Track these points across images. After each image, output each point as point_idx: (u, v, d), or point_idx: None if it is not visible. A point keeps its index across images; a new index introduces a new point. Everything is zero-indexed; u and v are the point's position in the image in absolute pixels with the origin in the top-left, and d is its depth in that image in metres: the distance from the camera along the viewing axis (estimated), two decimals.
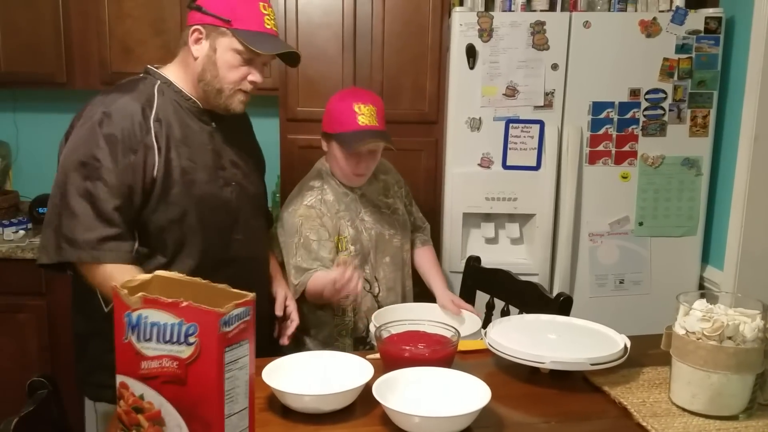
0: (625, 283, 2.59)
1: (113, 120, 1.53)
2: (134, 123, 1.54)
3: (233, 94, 1.63)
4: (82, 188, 1.50)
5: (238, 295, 1.01)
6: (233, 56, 1.59)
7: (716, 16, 2.44)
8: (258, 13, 1.59)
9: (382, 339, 1.45)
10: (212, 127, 1.68)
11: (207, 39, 1.60)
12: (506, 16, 2.44)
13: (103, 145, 1.51)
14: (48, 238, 1.52)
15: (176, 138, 1.59)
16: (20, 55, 2.74)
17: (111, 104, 1.55)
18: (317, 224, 1.96)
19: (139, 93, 1.59)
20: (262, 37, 1.59)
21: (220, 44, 1.58)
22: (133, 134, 1.53)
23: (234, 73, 1.60)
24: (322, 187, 2.03)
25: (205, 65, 1.61)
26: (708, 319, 1.23)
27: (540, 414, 1.30)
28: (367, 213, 2.07)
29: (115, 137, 1.52)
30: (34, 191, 3.06)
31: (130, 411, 1.02)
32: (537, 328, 1.57)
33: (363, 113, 1.92)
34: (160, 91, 1.62)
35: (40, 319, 2.66)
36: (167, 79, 1.65)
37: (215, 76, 1.60)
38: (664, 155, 2.53)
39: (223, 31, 1.58)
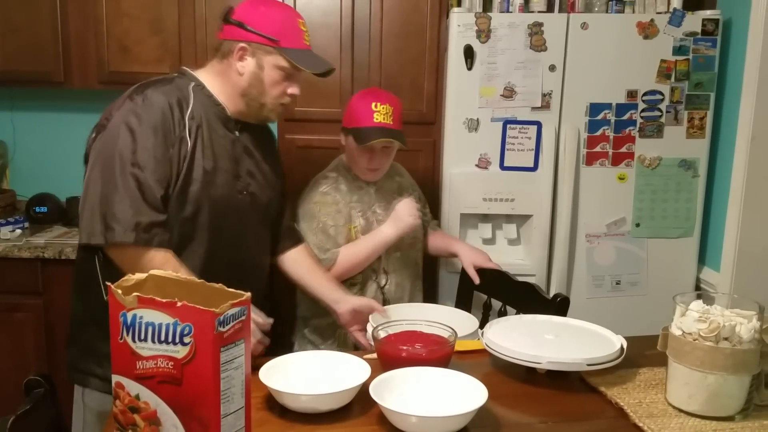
0: (621, 284, 2.59)
1: (154, 112, 1.57)
2: (174, 117, 1.59)
3: (274, 108, 1.72)
4: (132, 175, 1.52)
5: (234, 294, 1.01)
6: (278, 73, 1.67)
7: (713, 18, 2.44)
8: (299, 31, 1.69)
9: (380, 339, 1.45)
10: (235, 135, 1.73)
11: (253, 56, 1.66)
12: (504, 17, 2.44)
13: (148, 134, 1.55)
14: (92, 220, 1.53)
15: (204, 138, 1.64)
16: (18, 53, 2.74)
17: (150, 97, 1.59)
18: (333, 210, 2.06)
19: (175, 88, 1.64)
20: (305, 55, 1.69)
21: (267, 62, 1.66)
22: (172, 127, 1.58)
23: (277, 88, 1.69)
24: (336, 177, 2.12)
25: (251, 81, 1.67)
26: (704, 320, 1.23)
27: (537, 414, 1.30)
28: (380, 207, 2.13)
29: (158, 129, 1.56)
30: (31, 190, 3.06)
31: (126, 411, 1.02)
32: (534, 329, 1.57)
33: (379, 111, 2.00)
34: (194, 91, 1.67)
35: (37, 318, 2.66)
36: (201, 83, 1.69)
37: (261, 92, 1.68)
38: (661, 156, 2.53)
39: (269, 49, 1.65)
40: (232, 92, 1.69)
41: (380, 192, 2.15)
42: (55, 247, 2.61)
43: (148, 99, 1.58)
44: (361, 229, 2.07)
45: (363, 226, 2.08)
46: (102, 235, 1.51)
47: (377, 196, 2.14)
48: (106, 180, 1.53)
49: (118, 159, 1.53)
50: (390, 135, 2.01)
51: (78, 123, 3.10)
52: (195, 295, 1.01)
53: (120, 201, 1.51)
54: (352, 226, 2.07)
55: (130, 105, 1.58)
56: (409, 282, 2.19)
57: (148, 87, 1.63)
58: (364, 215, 2.09)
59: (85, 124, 3.06)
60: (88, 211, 1.54)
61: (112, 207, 1.51)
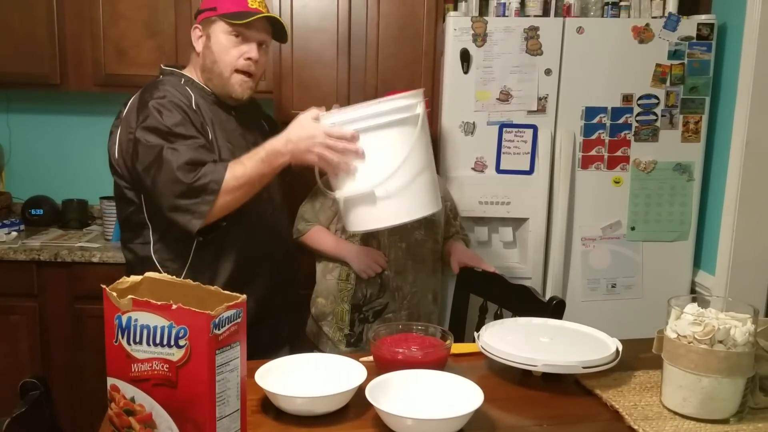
0: (617, 288, 2.60)
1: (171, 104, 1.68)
2: (187, 107, 1.71)
3: (231, 76, 1.76)
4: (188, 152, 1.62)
5: (229, 297, 1.01)
6: (226, 38, 1.74)
7: (708, 22, 2.45)
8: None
9: (376, 341, 1.45)
10: (232, 114, 1.85)
11: (203, 32, 1.78)
12: (500, 21, 2.45)
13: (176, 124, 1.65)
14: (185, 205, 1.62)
15: (213, 123, 1.76)
16: (14, 56, 2.73)
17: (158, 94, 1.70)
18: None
19: (172, 86, 1.75)
20: (246, 14, 1.73)
21: (213, 31, 1.75)
22: (191, 115, 1.70)
23: (230, 54, 1.75)
24: None
25: (204, 54, 1.78)
26: (699, 323, 1.23)
27: (532, 417, 1.30)
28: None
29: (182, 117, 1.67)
30: (27, 193, 3.05)
31: (121, 413, 1.02)
32: (530, 332, 1.57)
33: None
34: (186, 84, 1.79)
35: (32, 320, 2.65)
36: (187, 76, 1.82)
37: (214, 62, 1.76)
38: (656, 160, 2.54)
39: (212, 19, 1.75)
40: (202, 73, 1.81)
41: None
42: (50, 250, 2.61)
43: (160, 99, 1.68)
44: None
45: None
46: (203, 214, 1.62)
47: None
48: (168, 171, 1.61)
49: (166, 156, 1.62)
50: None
51: (74, 125, 3.11)
52: (190, 297, 1.01)
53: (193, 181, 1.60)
54: None
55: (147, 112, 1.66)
56: (413, 275, 2.19)
57: (151, 91, 1.72)
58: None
59: (81, 126, 3.10)
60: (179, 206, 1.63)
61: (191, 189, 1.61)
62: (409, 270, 2.19)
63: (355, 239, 2.16)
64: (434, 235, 2.26)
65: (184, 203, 1.63)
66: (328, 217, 2.19)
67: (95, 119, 3.08)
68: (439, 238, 2.29)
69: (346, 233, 2.16)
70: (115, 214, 2.73)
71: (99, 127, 3.11)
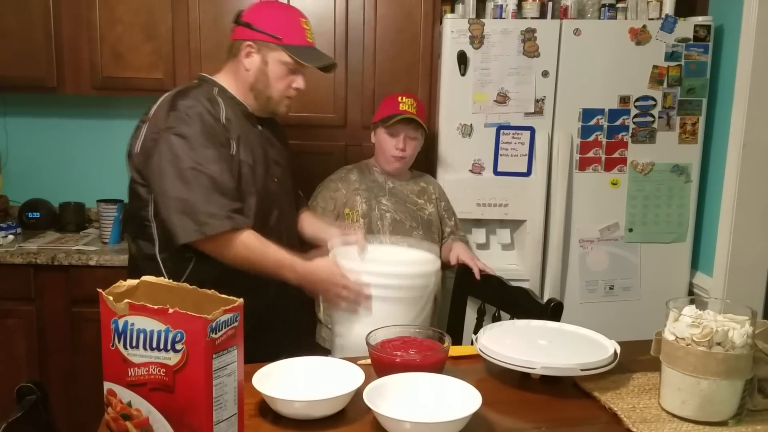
0: (615, 289, 2.60)
1: (197, 117, 1.70)
2: (213, 119, 1.73)
3: (281, 101, 1.87)
4: (202, 173, 1.66)
5: (226, 300, 1.01)
6: (282, 68, 1.82)
7: (705, 24, 2.46)
8: (301, 29, 1.84)
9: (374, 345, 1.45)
10: (259, 129, 1.90)
11: (258, 53, 1.81)
12: (497, 23, 2.45)
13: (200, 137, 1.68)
14: (181, 220, 1.65)
15: (240, 136, 1.79)
16: (10, 59, 2.73)
17: (188, 106, 1.72)
18: (328, 195, 2.28)
19: (203, 95, 1.78)
20: (307, 50, 1.84)
21: (271, 58, 1.81)
22: (216, 128, 1.73)
23: (282, 82, 1.84)
24: (351, 169, 2.35)
25: (257, 76, 1.83)
26: (697, 325, 1.23)
27: (530, 419, 1.30)
28: (390, 200, 2.28)
29: (206, 132, 1.70)
30: (24, 196, 3.04)
31: (118, 418, 1.02)
32: (528, 334, 1.57)
33: (404, 102, 2.27)
34: (219, 95, 1.81)
35: (29, 324, 2.64)
36: (221, 86, 1.85)
37: (267, 86, 1.83)
38: (653, 162, 2.54)
39: (273, 46, 1.80)
40: (243, 88, 1.85)
41: (395, 190, 2.31)
42: (47, 253, 2.60)
43: (189, 108, 1.71)
44: (362, 213, 2.23)
45: (364, 210, 2.23)
46: (196, 231, 1.65)
47: (390, 192, 2.29)
48: (181, 185, 1.65)
49: (184, 164, 1.66)
50: (413, 119, 2.23)
51: (71, 129, 3.10)
52: (186, 301, 1.00)
53: (203, 198, 1.65)
54: (352, 211, 2.24)
55: (176, 116, 1.70)
56: None
57: (182, 97, 1.75)
58: (367, 202, 2.25)
59: (78, 129, 3.10)
60: (176, 216, 1.66)
61: (197, 206, 1.65)
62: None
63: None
64: (431, 235, 2.29)
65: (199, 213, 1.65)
66: (334, 216, 2.23)
67: (92, 122, 3.07)
68: (436, 237, 2.31)
69: None
70: (112, 216, 2.76)
71: (96, 130, 3.12)
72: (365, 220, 2.22)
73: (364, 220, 2.22)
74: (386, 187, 2.30)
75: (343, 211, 2.25)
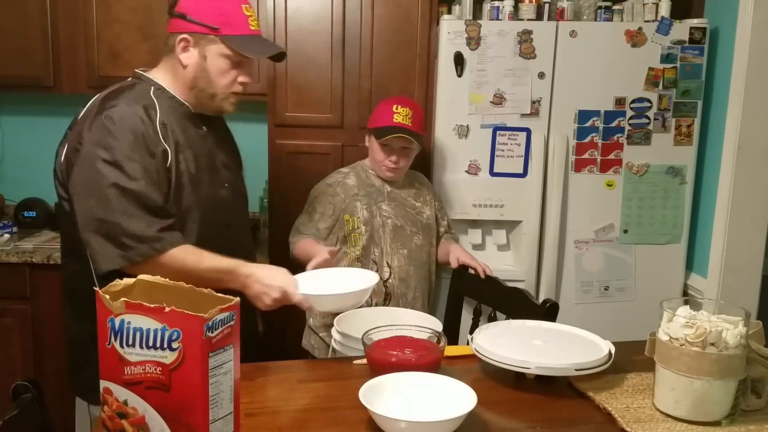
0: (610, 290, 2.61)
1: (127, 126, 1.53)
2: (146, 126, 1.55)
3: (226, 97, 1.67)
4: (127, 192, 1.50)
5: (223, 299, 1.01)
6: (223, 61, 1.62)
7: (701, 26, 2.47)
8: (242, 16, 1.63)
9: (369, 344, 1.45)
10: (204, 130, 1.72)
11: (195, 47, 1.62)
12: (494, 24, 2.46)
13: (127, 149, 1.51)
14: (104, 247, 1.50)
15: (180, 142, 1.62)
16: (7, 58, 2.72)
17: (119, 113, 1.55)
18: (327, 200, 2.21)
19: (139, 97, 1.60)
20: (250, 40, 1.64)
21: (210, 51, 1.62)
22: (148, 137, 1.55)
23: (225, 77, 1.64)
24: (348, 173, 2.27)
25: (196, 72, 1.64)
26: (691, 325, 1.24)
27: (525, 419, 1.30)
28: (390, 206, 2.24)
29: (136, 142, 1.53)
30: (20, 195, 3.04)
31: (114, 416, 1.02)
32: (523, 334, 1.58)
33: (399, 113, 2.18)
34: (156, 96, 1.63)
35: (25, 323, 2.64)
36: (160, 85, 1.66)
37: (208, 82, 1.64)
38: (648, 164, 2.55)
39: (211, 38, 1.61)
40: (183, 87, 1.66)
41: (393, 194, 2.27)
42: (43, 252, 2.60)
43: (117, 114, 1.54)
44: (363, 220, 2.18)
45: (365, 217, 2.18)
46: (121, 258, 1.50)
47: (388, 196, 2.25)
48: (103, 205, 1.50)
49: (106, 182, 1.50)
50: (404, 133, 2.16)
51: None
52: (183, 300, 1.00)
53: (126, 220, 1.49)
54: (352, 217, 2.19)
55: (101, 124, 1.53)
56: (415, 281, 2.23)
57: (112, 100, 1.58)
58: (368, 208, 2.20)
59: None
60: (96, 241, 1.51)
61: (120, 228, 1.49)
62: (411, 276, 2.22)
63: (356, 249, 2.17)
64: (430, 239, 2.29)
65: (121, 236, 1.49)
66: (327, 227, 2.19)
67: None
68: (433, 240, 2.32)
69: (346, 245, 2.18)
70: None
71: None
72: (367, 227, 2.18)
73: (366, 227, 2.18)
74: (384, 192, 2.26)
75: (342, 217, 2.19)
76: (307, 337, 2.24)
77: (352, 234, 2.18)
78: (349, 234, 2.18)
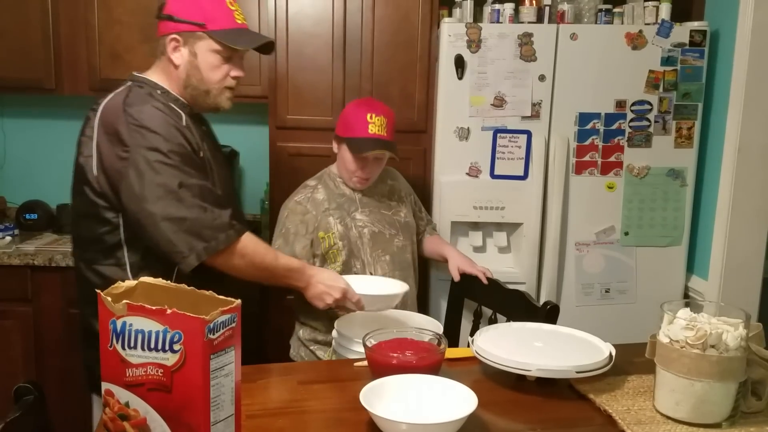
0: (610, 292, 2.61)
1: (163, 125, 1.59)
2: (177, 125, 1.63)
3: (220, 93, 1.72)
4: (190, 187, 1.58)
5: (224, 301, 1.01)
6: (214, 57, 1.67)
7: (701, 29, 2.47)
8: (227, 10, 1.67)
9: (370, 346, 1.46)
10: (203, 129, 1.79)
11: (185, 46, 1.67)
12: (494, 27, 2.46)
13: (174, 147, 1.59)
14: (188, 243, 1.57)
15: (198, 140, 1.69)
16: (8, 60, 2.73)
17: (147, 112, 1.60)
18: (298, 220, 2.10)
19: (157, 101, 1.65)
20: (238, 33, 1.68)
21: (199, 48, 1.67)
22: (183, 134, 1.62)
23: (217, 72, 1.69)
24: (315, 186, 2.16)
25: (188, 71, 1.68)
26: (692, 327, 1.24)
27: (526, 421, 1.30)
28: (364, 213, 2.16)
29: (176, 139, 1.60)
30: (21, 197, 3.05)
31: (115, 418, 1.02)
32: (523, 336, 1.58)
33: (374, 122, 2.05)
34: (165, 97, 1.68)
35: (26, 325, 2.64)
36: (163, 88, 1.70)
37: (200, 79, 1.69)
38: (649, 166, 2.55)
39: (199, 35, 1.66)
40: (178, 87, 1.70)
41: (365, 198, 2.19)
42: (44, 254, 2.60)
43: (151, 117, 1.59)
44: (339, 235, 2.09)
45: (341, 231, 2.10)
46: (208, 248, 1.58)
47: (361, 202, 2.17)
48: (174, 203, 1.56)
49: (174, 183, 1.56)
50: (384, 147, 2.07)
51: (68, 130, 3.07)
52: (184, 302, 1.01)
53: (201, 213, 1.58)
54: (327, 234, 2.09)
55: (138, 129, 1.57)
56: None
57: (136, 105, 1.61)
58: (342, 221, 2.11)
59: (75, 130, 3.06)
60: (178, 237, 1.57)
61: (198, 222, 1.57)
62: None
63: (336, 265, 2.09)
64: (411, 237, 2.26)
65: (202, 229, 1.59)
66: (304, 246, 2.07)
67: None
68: (414, 238, 2.29)
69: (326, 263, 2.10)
70: None
71: None
72: (344, 242, 2.09)
73: (343, 242, 2.08)
74: (356, 200, 2.16)
75: (317, 235, 2.08)
76: (296, 349, 2.19)
77: (330, 251, 2.09)
78: (327, 251, 2.09)
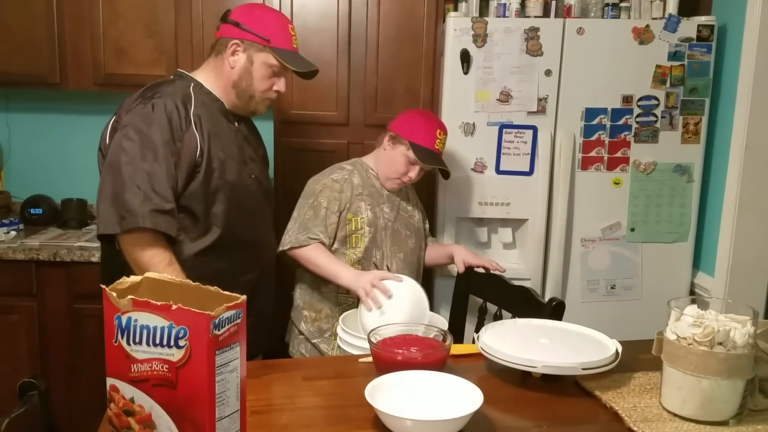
0: (616, 289, 2.60)
1: (160, 112, 1.72)
2: (180, 115, 1.74)
3: (262, 101, 1.91)
4: (141, 169, 1.68)
5: (229, 297, 1.01)
6: (267, 69, 1.86)
7: (708, 24, 2.45)
8: (288, 34, 1.89)
9: (375, 342, 1.45)
10: (235, 126, 1.92)
11: (245, 52, 1.84)
12: (500, 21, 2.45)
13: (155, 131, 1.70)
14: (108, 213, 1.68)
15: (211, 131, 1.80)
16: (13, 55, 2.73)
17: (157, 98, 1.74)
18: (333, 196, 2.14)
19: (178, 89, 1.80)
20: (292, 55, 1.88)
21: (257, 58, 1.85)
22: (178, 124, 1.74)
23: (265, 83, 1.87)
24: (351, 170, 2.22)
25: (241, 74, 1.85)
26: (699, 324, 1.23)
27: (531, 418, 1.30)
28: (389, 208, 2.22)
29: (164, 126, 1.71)
30: (26, 192, 3.05)
31: (120, 414, 1.02)
32: (529, 333, 1.57)
33: (440, 140, 2.19)
34: (194, 91, 1.83)
35: (31, 320, 2.65)
36: (198, 82, 1.86)
37: (250, 85, 1.86)
38: (656, 162, 2.54)
39: (260, 47, 1.84)
40: (225, 85, 1.87)
41: (391, 196, 2.25)
42: (49, 249, 2.61)
43: (156, 100, 1.73)
44: (367, 221, 2.15)
45: (369, 218, 2.15)
46: (117, 224, 1.67)
47: (387, 198, 2.24)
48: (117, 177, 1.68)
49: (126, 156, 1.68)
50: (442, 164, 2.21)
51: (73, 125, 3.10)
52: (190, 298, 1.00)
53: (130, 193, 1.66)
54: (356, 217, 2.15)
55: (140, 108, 1.73)
56: None
57: (152, 90, 1.78)
58: (372, 209, 2.17)
59: (80, 125, 3.10)
60: (103, 206, 1.69)
61: (124, 198, 1.66)
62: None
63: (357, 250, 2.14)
64: (420, 242, 2.31)
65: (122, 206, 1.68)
66: (332, 222, 2.11)
67: (94, 119, 3.06)
68: (422, 244, 2.33)
69: (345, 246, 2.14)
70: None
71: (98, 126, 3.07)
72: (371, 229, 2.14)
73: (370, 229, 2.13)
74: (384, 194, 2.22)
75: (345, 216, 2.13)
76: (296, 345, 2.19)
77: (354, 235, 2.14)
78: (351, 234, 2.13)
